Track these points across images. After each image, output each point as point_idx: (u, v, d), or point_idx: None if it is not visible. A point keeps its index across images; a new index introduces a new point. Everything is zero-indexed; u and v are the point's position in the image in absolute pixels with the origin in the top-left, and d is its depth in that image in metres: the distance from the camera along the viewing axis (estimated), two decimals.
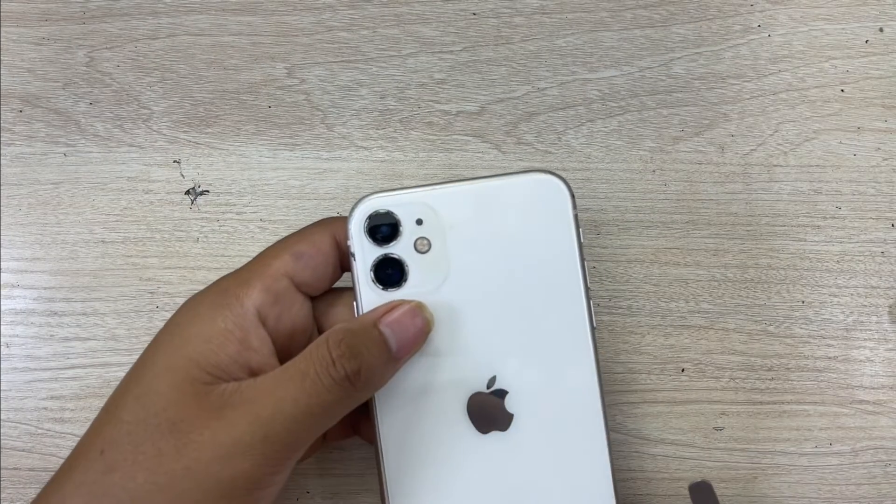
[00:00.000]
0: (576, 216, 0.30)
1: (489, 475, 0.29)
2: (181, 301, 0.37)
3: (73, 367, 0.37)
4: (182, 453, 0.25)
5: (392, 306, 0.29)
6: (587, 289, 0.30)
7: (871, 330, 0.37)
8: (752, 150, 0.39)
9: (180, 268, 0.38)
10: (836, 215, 0.38)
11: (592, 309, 0.30)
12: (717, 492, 0.36)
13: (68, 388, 0.37)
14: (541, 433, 0.29)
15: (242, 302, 0.28)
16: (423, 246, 0.30)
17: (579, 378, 0.30)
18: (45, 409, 0.37)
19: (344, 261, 0.30)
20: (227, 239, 0.38)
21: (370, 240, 0.29)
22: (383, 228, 0.29)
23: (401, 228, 0.29)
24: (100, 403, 0.37)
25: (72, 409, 0.37)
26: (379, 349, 0.28)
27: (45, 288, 0.38)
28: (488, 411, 0.29)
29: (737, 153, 0.39)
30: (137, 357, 0.28)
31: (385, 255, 0.29)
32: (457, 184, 0.30)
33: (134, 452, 0.26)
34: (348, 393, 0.27)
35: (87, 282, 0.38)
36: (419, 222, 0.29)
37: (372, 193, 0.30)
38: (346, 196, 0.38)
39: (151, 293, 0.38)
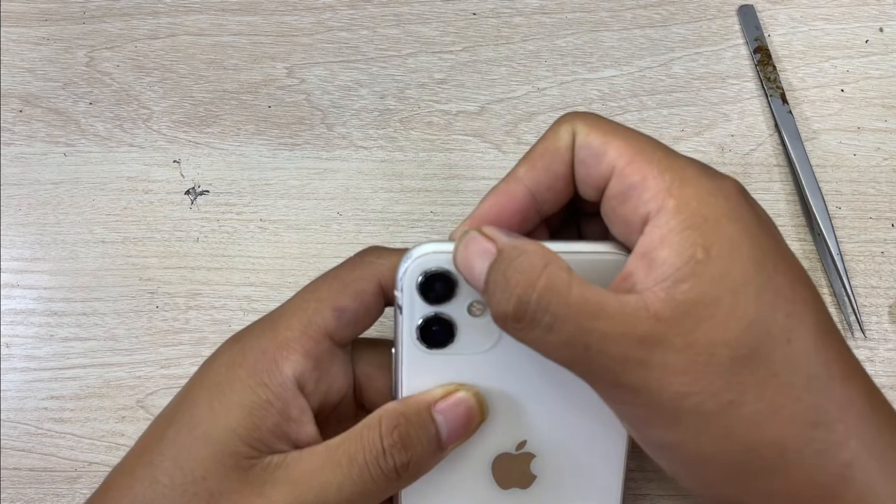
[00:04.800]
0: None
1: None
2: (181, 301, 0.37)
3: (73, 367, 0.37)
4: None
5: (448, 392, 0.27)
6: None
7: (871, 330, 0.37)
8: (752, 149, 0.39)
9: (180, 268, 0.38)
10: (836, 215, 0.38)
11: None
12: None
13: (68, 388, 0.37)
14: (558, 496, 0.29)
15: (282, 369, 0.27)
16: (477, 310, 0.27)
17: (607, 453, 0.29)
18: (45, 409, 0.37)
19: (389, 302, 0.29)
20: (227, 239, 0.38)
21: (421, 297, 0.27)
22: (437, 286, 0.27)
23: (457, 290, 0.27)
24: (100, 403, 0.37)
25: (72, 409, 0.37)
26: (430, 440, 0.26)
27: (45, 288, 0.38)
28: (512, 471, 0.29)
29: (737, 153, 0.39)
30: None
31: (435, 313, 0.27)
32: None
33: None
34: (392, 484, 0.26)
35: (87, 282, 0.38)
36: None
37: (428, 244, 0.27)
38: (346, 196, 0.38)
39: (151, 293, 0.38)
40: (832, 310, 0.37)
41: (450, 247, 0.26)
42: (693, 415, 0.23)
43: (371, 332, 0.30)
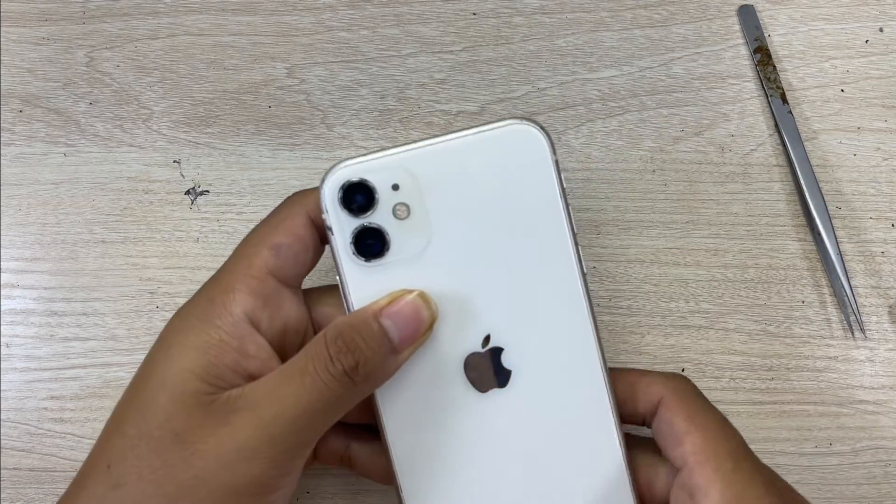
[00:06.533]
0: (556, 162, 0.28)
1: (493, 433, 0.29)
2: (181, 301, 0.37)
3: (73, 367, 0.37)
4: (189, 463, 0.25)
5: (393, 297, 0.28)
6: (574, 235, 0.29)
7: (871, 330, 0.37)
8: (752, 150, 0.39)
9: (180, 268, 0.38)
10: (836, 215, 0.38)
11: (581, 255, 0.29)
12: None
13: (68, 388, 0.37)
14: (540, 386, 0.29)
15: (231, 310, 0.27)
16: (402, 212, 0.28)
17: (574, 326, 0.29)
18: (45, 409, 0.37)
19: (323, 235, 0.30)
20: (227, 239, 0.38)
21: (346, 211, 0.28)
22: (358, 198, 0.28)
23: (377, 196, 0.28)
24: (100, 403, 0.37)
25: (72, 409, 0.37)
26: (378, 342, 0.27)
27: (45, 288, 0.38)
28: (485, 370, 0.29)
29: (737, 153, 0.39)
30: (139, 359, 0.28)
31: (363, 225, 0.28)
32: (430, 142, 0.28)
33: (139, 466, 0.26)
34: (348, 388, 0.26)
35: (87, 282, 0.38)
36: (395, 187, 0.28)
37: (342, 161, 0.28)
38: None
39: (151, 293, 0.38)
40: (832, 310, 0.37)
41: (362, 159, 0.28)
42: None
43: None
